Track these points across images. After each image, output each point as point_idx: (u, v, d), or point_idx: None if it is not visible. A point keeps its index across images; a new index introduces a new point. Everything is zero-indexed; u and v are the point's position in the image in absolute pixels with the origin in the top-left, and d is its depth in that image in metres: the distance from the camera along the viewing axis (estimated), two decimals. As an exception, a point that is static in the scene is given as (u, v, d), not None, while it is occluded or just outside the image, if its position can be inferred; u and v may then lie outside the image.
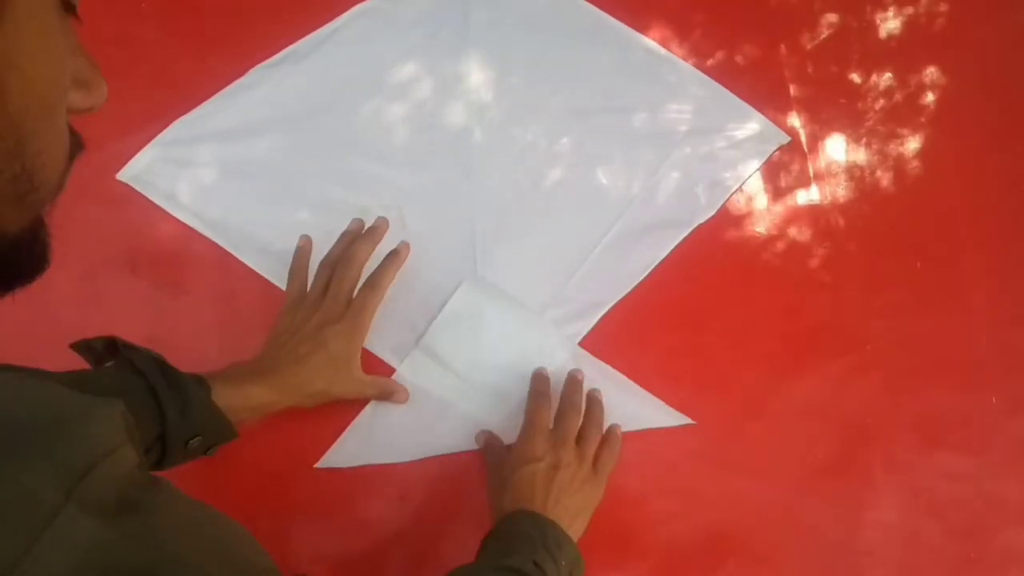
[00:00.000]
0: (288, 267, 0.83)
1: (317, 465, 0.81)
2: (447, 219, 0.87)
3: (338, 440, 0.81)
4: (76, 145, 0.34)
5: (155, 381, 0.63)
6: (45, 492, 0.26)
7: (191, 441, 0.66)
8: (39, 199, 0.32)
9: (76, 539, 0.26)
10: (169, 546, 0.30)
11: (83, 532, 0.26)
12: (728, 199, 0.88)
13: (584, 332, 0.84)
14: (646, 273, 0.86)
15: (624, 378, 0.83)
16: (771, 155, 0.90)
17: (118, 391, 0.62)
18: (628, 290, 0.85)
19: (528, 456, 0.72)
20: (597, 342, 0.84)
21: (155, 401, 0.63)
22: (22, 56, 0.27)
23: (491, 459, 0.78)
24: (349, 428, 0.81)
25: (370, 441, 0.81)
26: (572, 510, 0.72)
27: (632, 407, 0.82)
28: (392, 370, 0.83)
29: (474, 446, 0.81)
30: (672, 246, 0.87)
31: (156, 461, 0.65)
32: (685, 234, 0.87)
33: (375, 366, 0.83)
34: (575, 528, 0.71)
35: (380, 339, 0.84)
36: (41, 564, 0.25)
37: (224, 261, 0.86)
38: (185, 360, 0.68)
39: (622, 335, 0.85)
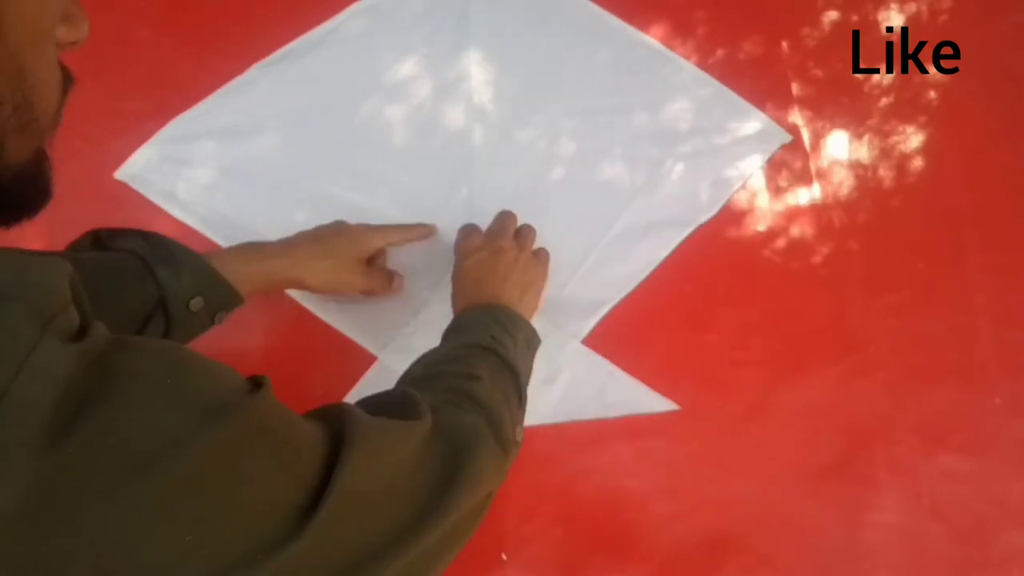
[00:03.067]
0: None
1: None
2: (447, 219, 0.86)
3: None
4: (68, 79, 0.37)
5: (142, 251, 0.63)
6: (21, 328, 0.28)
7: (191, 302, 0.65)
8: (39, 129, 0.35)
9: (56, 370, 0.28)
10: (139, 357, 0.32)
11: (61, 364, 0.28)
12: (730, 198, 0.88)
13: (585, 332, 0.84)
14: (647, 273, 0.86)
15: (610, 364, 0.83)
16: (773, 154, 0.89)
17: (105, 270, 0.61)
18: (629, 290, 0.85)
19: (467, 250, 0.76)
20: (598, 341, 0.84)
21: (146, 268, 0.63)
22: None
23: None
24: None
25: None
26: (520, 286, 0.74)
27: (618, 392, 0.82)
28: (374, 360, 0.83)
29: None
30: (674, 246, 0.86)
31: (163, 332, 0.65)
32: (687, 233, 0.87)
33: (363, 358, 0.83)
34: (525, 303, 0.74)
35: (374, 335, 0.84)
36: (26, 392, 0.27)
37: (222, 261, 0.85)
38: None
39: (623, 335, 0.84)
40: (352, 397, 0.82)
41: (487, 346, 0.63)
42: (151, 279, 0.63)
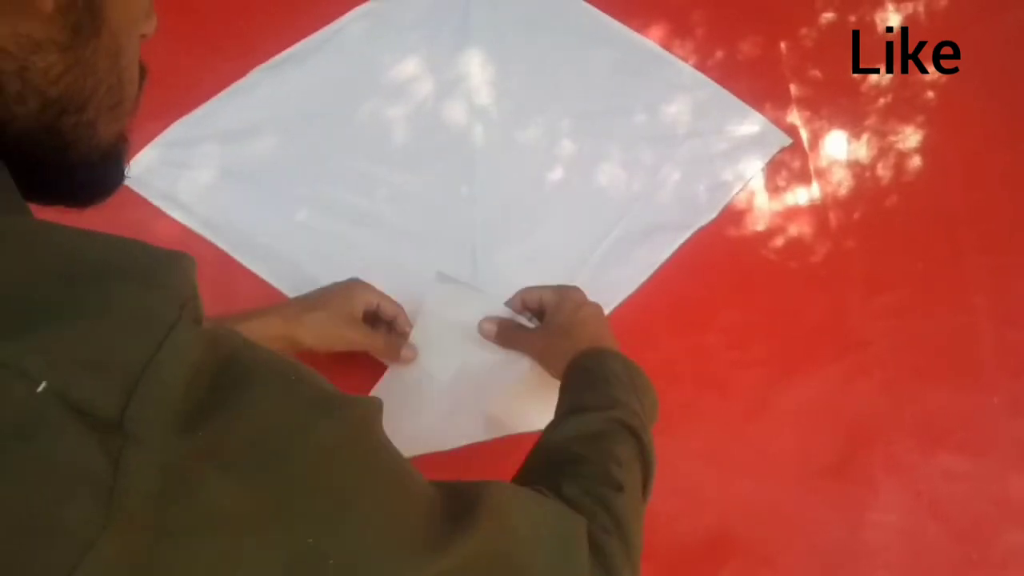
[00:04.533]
0: (286, 269, 0.83)
1: None
2: (447, 221, 0.87)
3: None
4: (143, 70, 0.38)
5: None
6: (163, 309, 0.29)
7: None
8: (124, 112, 0.37)
9: (191, 353, 0.29)
10: (258, 352, 0.32)
11: (195, 347, 0.29)
12: (729, 202, 0.88)
13: (585, 334, 0.84)
14: (647, 276, 0.86)
15: None
16: (772, 157, 0.89)
17: None
18: (630, 293, 0.85)
19: (580, 300, 0.73)
20: (598, 343, 0.84)
21: None
22: None
23: (517, 332, 0.76)
24: None
25: None
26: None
27: None
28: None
29: (448, 447, 0.79)
30: (673, 249, 0.86)
31: None
32: (687, 236, 0.87)
33: (375, 367, 0.82)
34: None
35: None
36: (165, 367, 0.27)
37: (222, 262, 0.85)
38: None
39: (623, 336, 0.83)
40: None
41: (631, 426, 0.59)
42: None
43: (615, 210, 0.87)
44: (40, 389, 0.25)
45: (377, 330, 0.78)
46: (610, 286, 0.85)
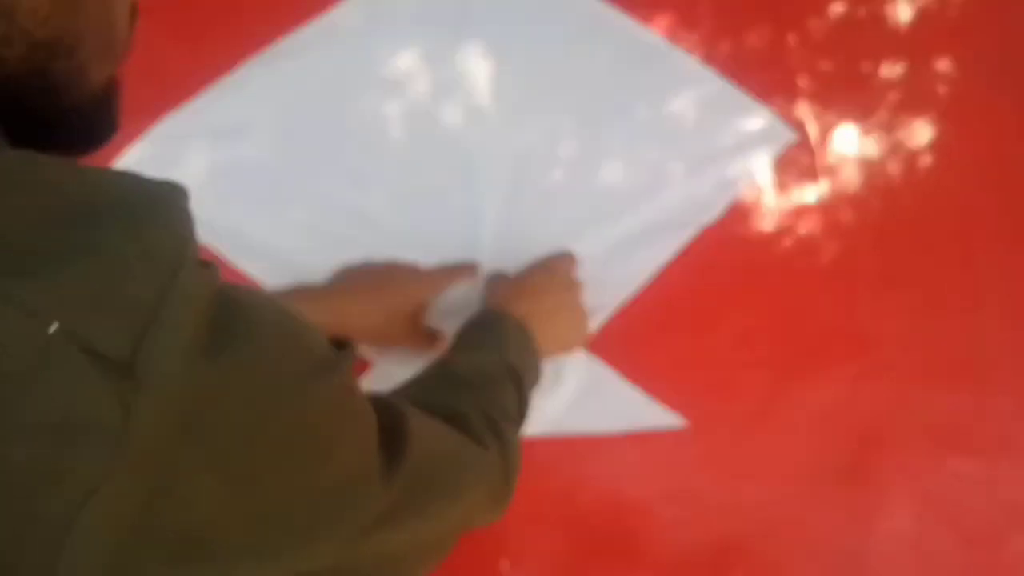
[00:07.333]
0: (279, 268, 0.82)
1: None
2: (446, 219, 0.85)
3: None
4: (134, 8, 0.37)
5: None
6: (165, 250, 0.29)
7: None
8: (116, 55, 0.36)
9: (197, 293, 0.29)
10: (259, 301, 0.34)
11: (200, 290, 0.29)
12: (735, 198, 0.86)
13: (587, 335, 0.82)
14: (652, 274, 0.84)
15: (618, 377, 0.82)
16: (779, 153, 0.88)
17: None
18: (633, 293, 0.84)
19: (560, 283, 0.78)
20: (601, 344, 0.82)
21: None
22: None
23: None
24: None
25: None
26: (559, 339, 0.77)
27: (626, 406, 0.81)
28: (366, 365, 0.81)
29: None
30: (678, 248, 0.85)
31: None
32: (691, 235, 0.85)
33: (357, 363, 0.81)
34: (548, 350, 0.74)
35: None
36: (173, 312, 0.28)
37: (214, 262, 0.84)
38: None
39: (627, 336, 0.83)
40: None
41: (518, 372, 0.65)
42: None
43: (618, 207, 0.86)
44: (52, 330, 0.25)
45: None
46: (613, 287, 0.84)
